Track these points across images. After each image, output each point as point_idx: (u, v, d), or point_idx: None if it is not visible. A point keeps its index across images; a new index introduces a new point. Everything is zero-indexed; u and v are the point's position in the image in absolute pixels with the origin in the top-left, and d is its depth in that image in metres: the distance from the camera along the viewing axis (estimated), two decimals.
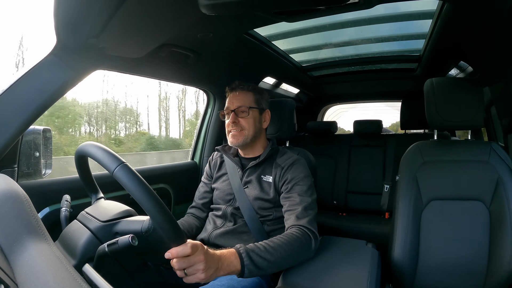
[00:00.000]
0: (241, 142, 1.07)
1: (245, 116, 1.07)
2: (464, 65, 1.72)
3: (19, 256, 0.44)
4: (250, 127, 1.07)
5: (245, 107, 1.07)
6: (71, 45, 0.81)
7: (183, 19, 0.86)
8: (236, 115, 1.06)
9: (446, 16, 1.06)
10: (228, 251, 0.74)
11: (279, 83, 2.26)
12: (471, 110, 1.07)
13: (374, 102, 4.34)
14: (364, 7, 1.01)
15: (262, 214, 1.04)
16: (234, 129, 1.06)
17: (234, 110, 1.07)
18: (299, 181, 1.00)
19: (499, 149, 1.07)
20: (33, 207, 0.52)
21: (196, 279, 0.65)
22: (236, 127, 1.06)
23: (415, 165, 1.11)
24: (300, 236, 0.86)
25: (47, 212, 0.93)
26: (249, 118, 1.07)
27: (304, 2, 0.65)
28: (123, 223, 0.67)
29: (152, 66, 1.22)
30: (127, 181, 0.56)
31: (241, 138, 1.06)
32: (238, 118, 1.06)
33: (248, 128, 1.07)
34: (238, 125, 1.06)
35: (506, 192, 1.01)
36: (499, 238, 1.00)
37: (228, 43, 1.26)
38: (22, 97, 0.77)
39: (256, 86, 1.14)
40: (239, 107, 1.07)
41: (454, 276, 1.04)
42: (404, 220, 1.07)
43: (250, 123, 1.07)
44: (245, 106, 1.07)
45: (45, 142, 0.94)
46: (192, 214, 1.17)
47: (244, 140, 1.07)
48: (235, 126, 1.06)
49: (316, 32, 1.47)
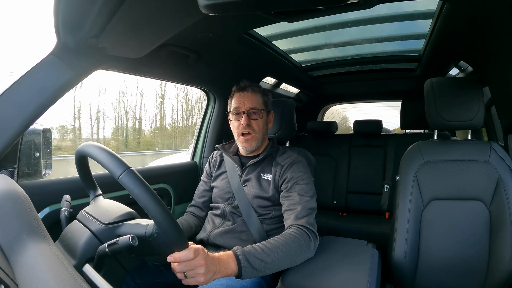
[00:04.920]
0: (254, 147, 1.06)
1: (257, 118, 1.06)
2: (464, 65, 1.72)
3: (19, 256, 0.44)
4: (260, 129, 1.06)
5: (258, 110, 1.05)
6: (71, 45, 0.81)
7: (183, 19, 0.85)
8: (248, 117, 1.05)
9: (446, 16, 1.06)
10: (226, 254, 0.74)
11: (279, 83, 2.26)
12: (471, 110, 1.07)
13: (376, 102, 4.35)
14: (364, 7, 1.01)
15: (261, 212, 1.03)
16: (247, 131, 1.04)
17: (246, 111, 1.04)
18: (298, 180, 1.00)
19: (499, 149, 1.07)
20: (33, 207, 0.52)
21: (195, 282, 0.66)
22: (249, 129, 1.04)
23: (416, 165, 1.11)
24: (299, 236, 0.86)
25: (47, 212, 0.93)
26: (260, 121, 1.06)
27: (304, 2, 0.65)
28: (126, 226, 0.66)
29: (152, 66, 1.22)
30: (133, 187, 0.56)
31: (254, 142, 1.05)
32: (251, 120, 1.05)
33: (259, 131, 1.06)
34: (251, 128, 1.04)
35: (506, 192, 1.01)
36: (499, 238, 1.00)
37: (228, 43, 1.26)
38: (22, 97, 0.77)
39: (262, 87, 1.13)
40: (251, 109, 1.05)
41: (454, 276, 1.04)
42: (405, 220, 1.07)
43: (261, 125, 1.06)
44: (257, 109, 1.05)
45: (45, 142, 0.94)
46: (191, 213, 1.17)
47: (257, 144, 1.06)
48: (248, 129, 1.04)
49: (316, 32, 1.47)
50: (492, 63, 1.19)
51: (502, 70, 1.14)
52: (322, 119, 3.32)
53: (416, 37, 1.54)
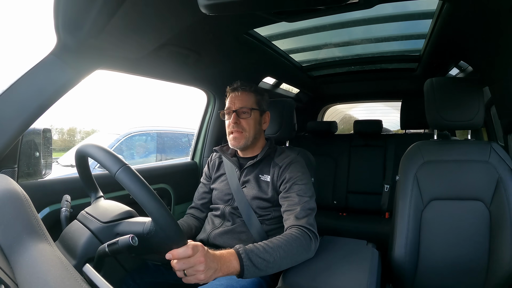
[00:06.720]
0: (242, 145, 1.07)
1: (247, 117, 1.07)
2: (464, 65, 1.72)
3: (19, 256, 0.44)
4: (251, 128, 1.07)
5: (247, 108, 1.07)
6: (71, 45, 0.81)
7: (183, 19, 0.86)
8: (237, 116, 1.06)
9: (446, 16, 1.06)
10: (228, 252, 0.74)
11: (279, 83, 2.26)
12: (471, 110, 1.07)
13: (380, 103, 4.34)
14: (364, 7, 1.01)
15: (260, 213, 1.04)
16: (236, 130, 1.06)
17: (235, 110, 1.07)
18: (297, 181, 1.00)
19: (499, 149, 1.07)
20: (33, 207, 0.52)
21: (196, 280, 0.65)
22: (237, 128, 1.06)
23: (416, 165, 1.11)
24: (300, 236, 0.86)
25: (47, 212, 0.93)
26: (250, 120, 1.07)
27: (304, 2, 0.65)
28: (125, 224, 0.67)
29: (152, 66, 1.22)
30: (129, 183, 0.56)
31: (242, 140, 1.07)
32: (240, 119, 1.07)
33: (249, 130, 1.07)
34: (239, 126, 1.06)
35: (506, 192, 1.01)
36: (499, 238, 1.00)
37: (228, 43, 1.26)
38: (22, 97, 0.77)
39: (257, 87, 1.14)
40: (240, 108, 1.07)
41: (454, 276, 1.04)
42: (405, 220, 1.07)
43: (251, 124, 1.07)
44: (246, 107, 1.07)
45: (45, 142, 0.94)
46: (191, 215, 1.17)
47: (245, 142, 1.07)
48: (237, 127, 1.06)
49: (316, 32, 1.47)
50: (492, 63, 1.19)
51: (502, 70, 1.14)
52: (322, 119, 3.32)
53: (416, 37, 1.54)
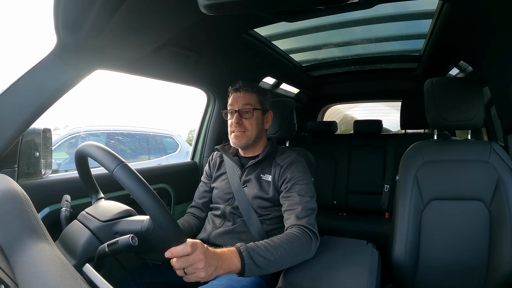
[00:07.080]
0: (243, 144, 1.07)
1: (249, 117, 1.07)
2: (464, 65, 1.72)
3: (19, 256, 0.44)
4: (253, 128, 1.07)
5: (249, 108, 1.07)
6: (71, 45, 0.81)
7: (183, 19, 0.86)
8: (240, 116, 1.06)
9: (446, 16, 1.06)
10: (229, 250, 0.74)
11: (279, 83, 2.26)
12: (471, 110, 1.07)
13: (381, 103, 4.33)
14: (364, 7, 1.01)
15: (261, 213, 1.04)
16: (238, 129, 1.06)
17: (238, 110, 1.06)
18: (298, 180, 1.00)
19: (499, 149, 1.07)
20: (33, 207, 0.52)
21: (196, 278, 0.64)
22: (239, 127, 1.06)
23: (415, 165, 1.11)
24: (301, 236, 0.86)
25: (47, 212, 0.93)
26: (252, 119, 1.07)
27: (304, 2, 0.65)
28: (123, 222, 0.67)
29: (152, 66, 1.22)
30: (126, 180, 0.56)
31: (244, 139, 1.06)
32: (242, 119, 1.06)
33: (251, 130, 1.07)
34: (242, 126, 1.06)
35: (506, 192, 1.01)
36: (499, 238, 1.00)
37: (228, 43, 1.26)
38: (22, 97, 0.77)
39: (260, 87, 1.14)
40: (243, 108, 1.07)
41: (454, 276, 1.04)
42: (405, 220, 1.07)
43: (253, 124, 1.07)
44: (249, 107, 1.07)
45: (45, 142, 0.94)
46: (191, 214, 1.17)
47: (247, 141, 1.07)
48: (239, 127, 1.06)
49: (316, 32, 1.47)
50: (492, 63, 1.19)
51: (502, 70, 1.14)
52: (322, 119, 3.32)
53: (416, 37, 1.54)
